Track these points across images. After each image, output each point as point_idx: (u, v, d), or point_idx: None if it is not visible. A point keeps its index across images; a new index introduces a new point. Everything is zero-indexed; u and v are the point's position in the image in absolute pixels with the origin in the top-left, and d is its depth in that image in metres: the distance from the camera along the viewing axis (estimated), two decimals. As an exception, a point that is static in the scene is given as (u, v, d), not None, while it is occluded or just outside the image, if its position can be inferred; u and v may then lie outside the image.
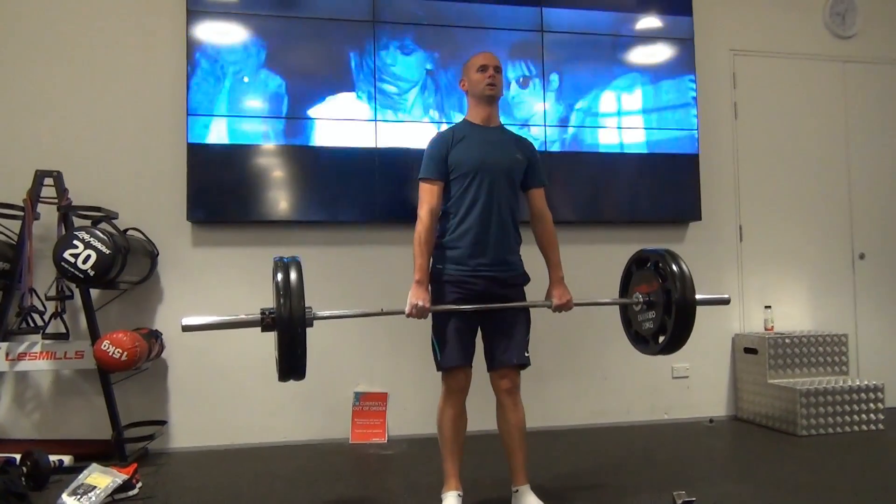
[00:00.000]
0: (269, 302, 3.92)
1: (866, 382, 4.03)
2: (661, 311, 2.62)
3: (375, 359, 4.06)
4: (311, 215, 3.94)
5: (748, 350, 4.34)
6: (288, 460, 3.57)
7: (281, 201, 3.90)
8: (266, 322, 2.31)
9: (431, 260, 2.61)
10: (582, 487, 3.02)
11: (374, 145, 3.97)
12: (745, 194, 4.60)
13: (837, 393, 3.95)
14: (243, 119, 3.85)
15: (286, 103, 3.89)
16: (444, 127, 3.42)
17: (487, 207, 2.58)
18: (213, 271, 3.90)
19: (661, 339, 2.65)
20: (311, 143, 3.91)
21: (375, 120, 3.97)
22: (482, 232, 2.58)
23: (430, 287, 2.59)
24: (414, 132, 4.01)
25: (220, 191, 3.83)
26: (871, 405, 3.99)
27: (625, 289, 2.88)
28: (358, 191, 3.97)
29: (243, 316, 2.39)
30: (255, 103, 3.87)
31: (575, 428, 4.16)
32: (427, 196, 2.59)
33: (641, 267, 2.78)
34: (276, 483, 3.17)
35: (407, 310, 2.51)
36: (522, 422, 2.63)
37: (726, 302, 2.97)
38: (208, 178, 3.81)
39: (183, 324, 2.30)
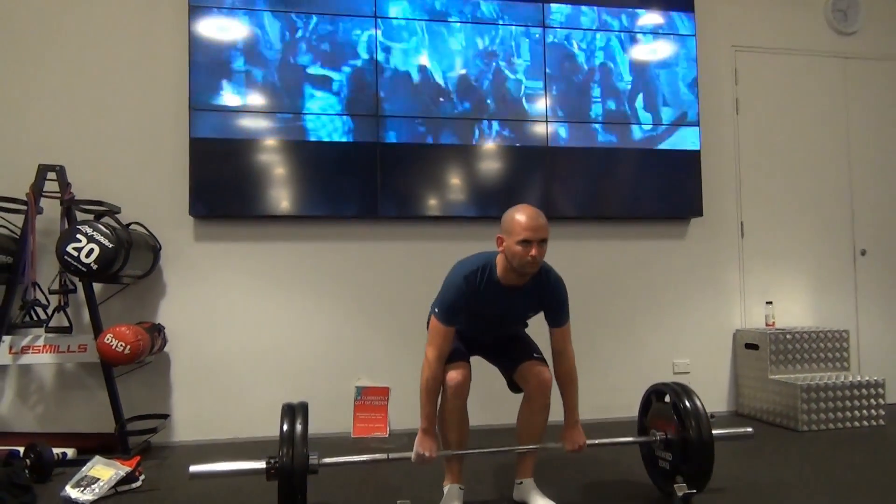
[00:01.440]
0: (270, 300, 3.97)
1: (867, 378, 4.04)
2: (678, 453, 2.65)
3: (377, 353, 4.07)
4: (313, 210, 3.95)
5: (749, 346, 4.35)
6: None
7: (283, 196, 3.91)
8: (270, 472, 2.38)
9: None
10: (582, 482, 3.02)
11: (376, 140, 3.97)
12: (747, 190, 4.61)
13: (838, 389, 3.96)
14: (246, 114, 3.86)
15: (288, 97, 3.90)
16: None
17: (496, 336, 2.70)
18: (215, 266, 3.91)
19: (679, 481, 2.59)
20: (313, 138, 3.92)
21: (378, 115, 3.98)
22: (488, 339, 2.71)
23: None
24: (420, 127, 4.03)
25: (222, 185, 3.84)
26: (872, 401, 4.00)
27: (643, 419, 2.93)
28: (360, 186, 3.98)
29: (250, 465, 2.45)
30: (257, 98, 3.88)
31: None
32: (439, 340, 2.44)
33: (660, 399, 2.82)
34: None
35: (413, 458, 2.46)
36: (545, 420, 2.61)
37: (750, 436, 2.89)
38: (211, 173, 3.82)
39: (190, 472, 2.38)
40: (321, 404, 3.95)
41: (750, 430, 2.89)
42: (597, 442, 2.70)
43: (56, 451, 3.20)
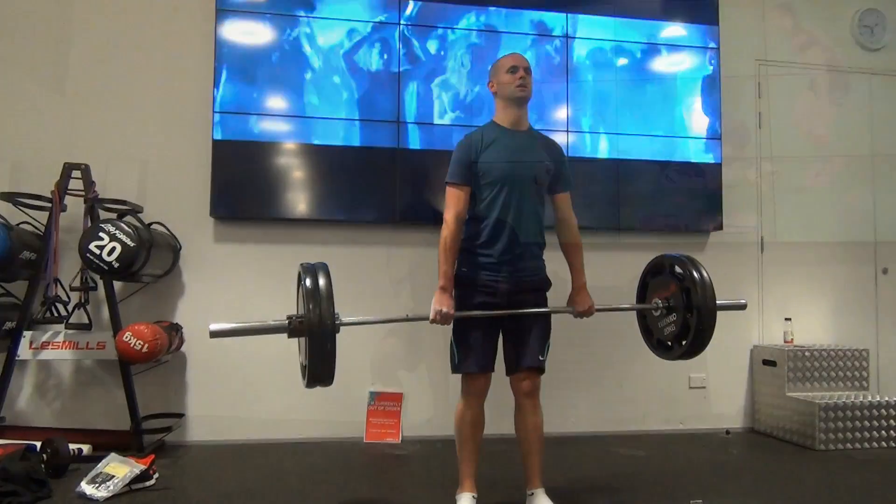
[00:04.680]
0: (288, 302, 3.95)
1: (887, 398, 3.98)
2: (682, 312, 2.65)
3: (391, 359, 4.08)
4: (334, 214, 3.97)
5: (767, 362, 4.30)
6: (302, 457, 3.59)
7: (304, 199, 3.93)
8: (294, 327, 2.31)
9: (456, 264, 2.61)
10: (595, 494, 3.01)
11: (396, 145, 3.99)
12: (768, 205, 4.57)
13: (857, 408, 3.90)
14: (268, 117, 3.89)
15: (311, 102, 3.93)
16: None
17: (517, 215, 2.59)
18: (234, 267, 3.94)
19: (684, 342, 2.66)
20: (335, 143, 3.94)
21: (398, 121, 4.00)
22: (511, 239, 2.59)
23: (454, 292, 2.59)
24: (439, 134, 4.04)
25: (243, 187, 3.87)
26: (892, 422, 3.93)
27: (642, 298, 2.89)
28: (381, 191, 3.99)
29: (270, 322, 2.41)
30: (280, 101, 3.91)
31: (590, 435, 4.14)
32: (454, 201, 2.57)
33: (657, 275, 2.79)
34: (290, 479, 3.19)
35: (431, 316, 2.51)
36: (540, 426, 2.63)
37: (743, 307, 2.93)
38: (232, 175, 3.85)
39: (210, 329, 2.33)
40: (334, 409, 3.97)
41: (743, 301, 2.92)
42: (605, 308, 2.79)
43: (72, 446, 3.23)
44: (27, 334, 3.48)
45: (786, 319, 4.45)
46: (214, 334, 2.33)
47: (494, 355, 2.63)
